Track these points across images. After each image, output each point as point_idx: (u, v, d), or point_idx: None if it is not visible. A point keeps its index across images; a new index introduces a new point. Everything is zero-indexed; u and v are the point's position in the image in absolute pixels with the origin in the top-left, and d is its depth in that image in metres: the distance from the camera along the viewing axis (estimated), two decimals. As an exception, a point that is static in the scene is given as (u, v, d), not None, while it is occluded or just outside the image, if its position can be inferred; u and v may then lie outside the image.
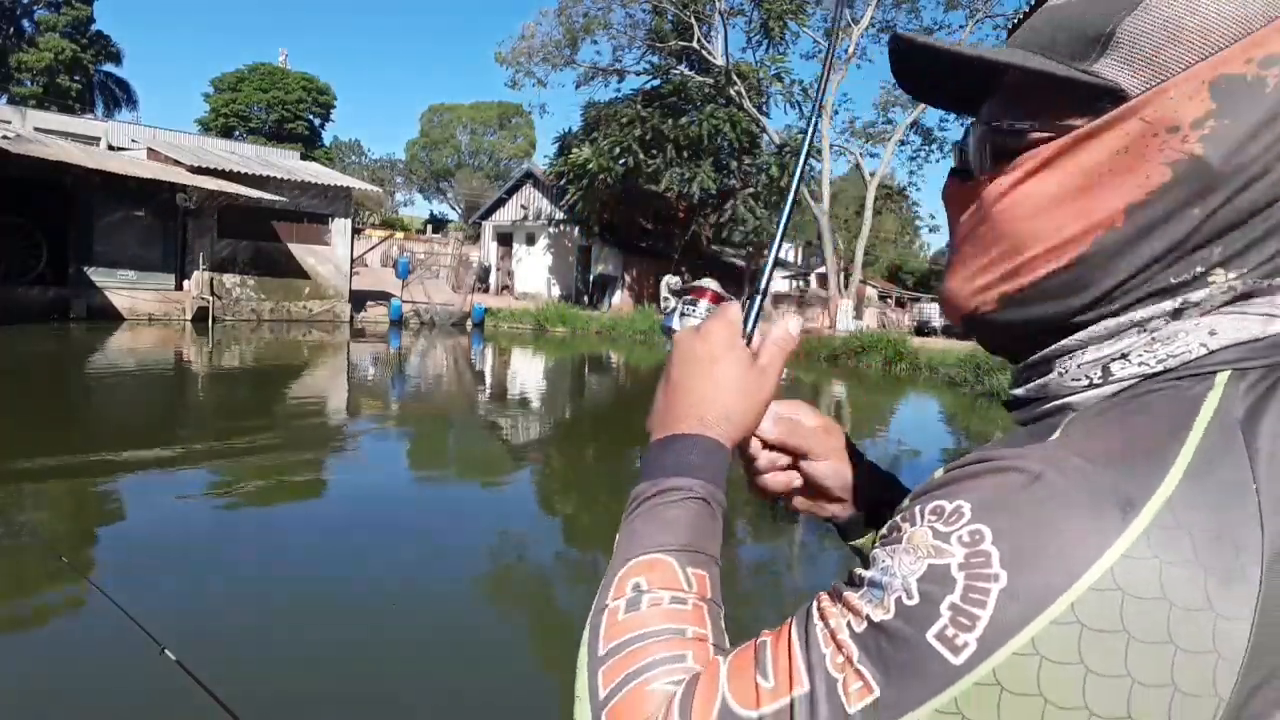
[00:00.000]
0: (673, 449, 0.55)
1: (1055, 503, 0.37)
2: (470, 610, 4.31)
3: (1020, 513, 0.37)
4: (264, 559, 4.72)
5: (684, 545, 0.50)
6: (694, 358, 0.59)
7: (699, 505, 0.52)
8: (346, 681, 3.31)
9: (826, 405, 14.27)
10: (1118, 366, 0.44)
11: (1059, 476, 0.38)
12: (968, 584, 0.36)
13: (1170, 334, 0.43)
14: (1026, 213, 0.46)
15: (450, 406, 11.82)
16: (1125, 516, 0.35)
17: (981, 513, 0.38)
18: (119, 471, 6.39)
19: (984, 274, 0.48)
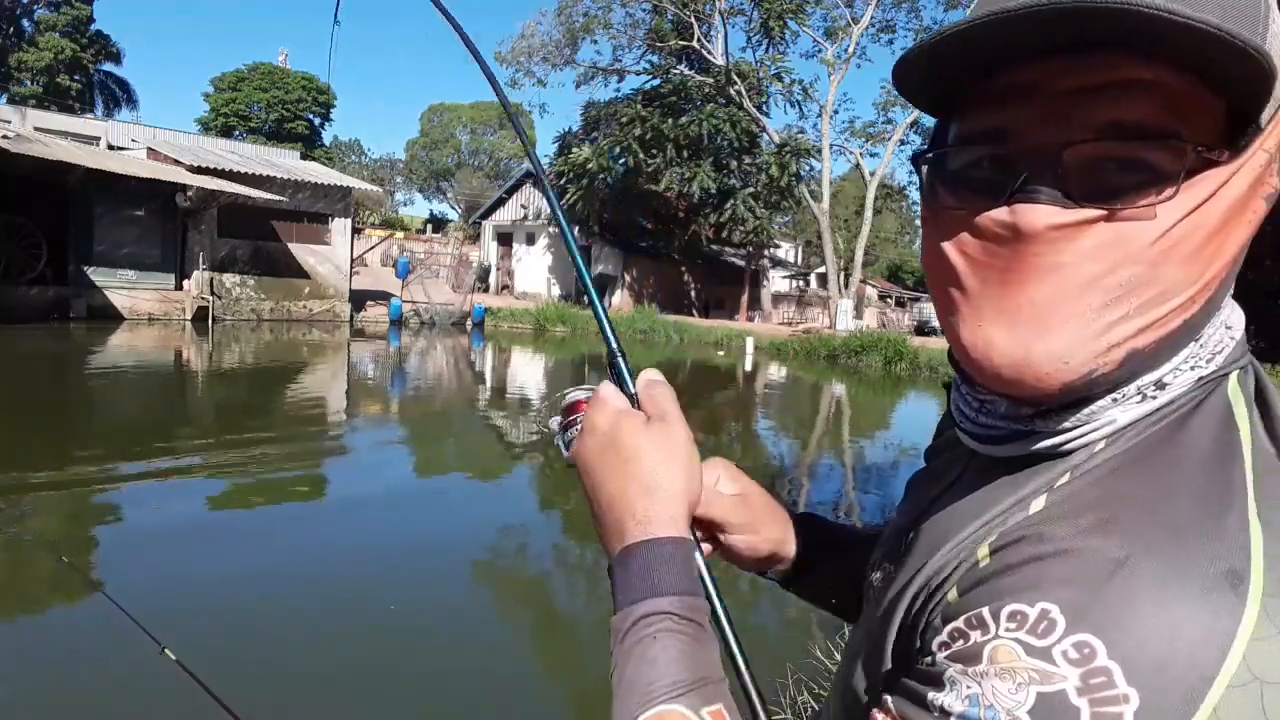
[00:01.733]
0: (630, 568, 0.49)
1: (1161, 594, 0.33)
2: (470, 610, 4.31)
3: (1126, 613, 0.33)
4: (264, 559, 4.73)
5: (687, 685, 0.44)
6: (594, 457, 0.54)
7: (680, 627, 0.47)
8: (346, 681, 3.31)
9: (826, 405, 14.28)
10: (1171, 376, 0.41)
11: (1148, 558, 0.34)
12: (1094, 710, 0.32)
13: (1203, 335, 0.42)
14: (1187, 253, 0.39)
15: (450, 406, 11.82)
16: (1238, 593, 0.32)
17: (1080, 618, 0.33)
18: (119, 472, 6.39)
19: (1115, 329, 0.39)
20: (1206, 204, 0.38)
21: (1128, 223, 0.38)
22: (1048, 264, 0.39)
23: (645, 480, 0.51)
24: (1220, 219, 0.39)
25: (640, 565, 0.49)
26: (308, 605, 4.07)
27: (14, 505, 5.31)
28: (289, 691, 3.20)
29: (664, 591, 0.47)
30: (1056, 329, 0.39)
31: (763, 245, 28.87)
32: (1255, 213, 0.40)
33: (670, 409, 0.55)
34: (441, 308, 23.73)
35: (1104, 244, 0.39)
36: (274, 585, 4.31)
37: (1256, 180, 0.39)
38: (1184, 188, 0.38)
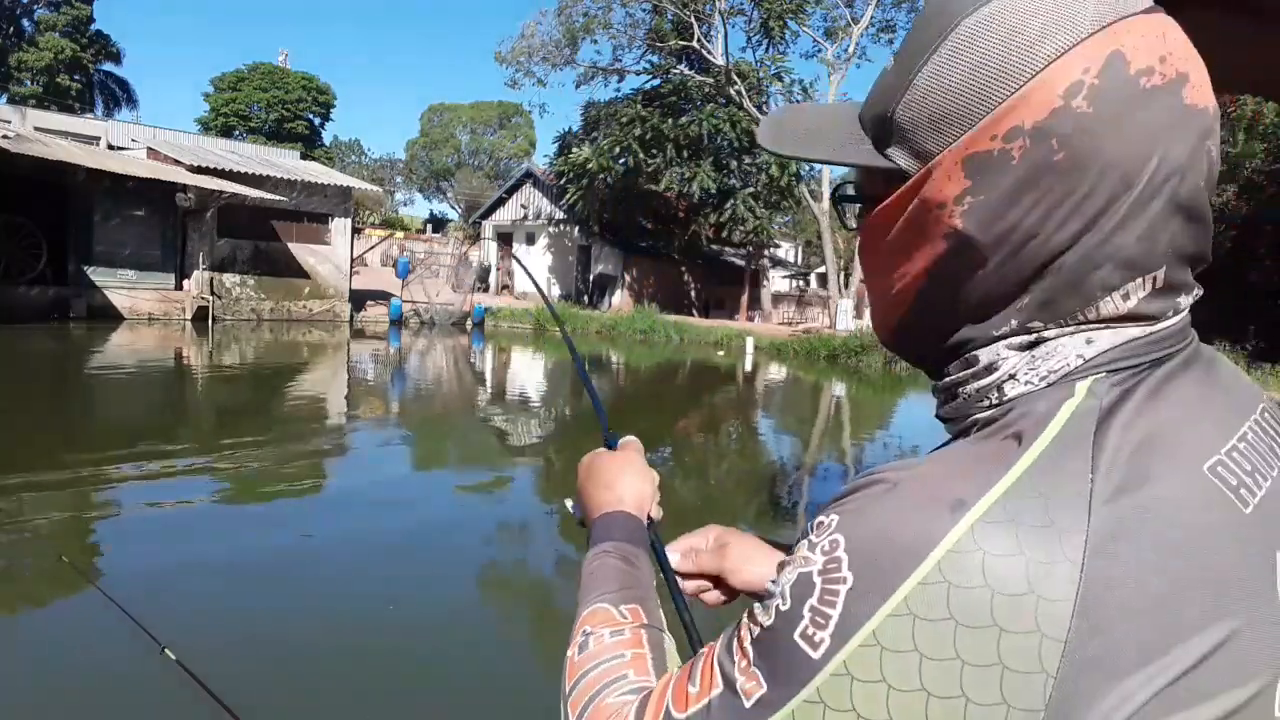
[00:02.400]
0: (592, 532, 0.73)
1: (897, 508, 0.41)
2: (470, 610, 4.31)
3: (869, 520, 0.42)
4: (264, 559, 4.72)
5: (615, 590, 0.63)
6: (582, 480, 0.81)
7: (618, 558, 0.67)
8: (345, 680, 3.31)
9: (826, 405, 14.27)
10: (1009, 387, 0.47)
11: (910, 485, 0.42)
12: (823, 587, 0.41)
13: (1049, 350, 0.46)
14: (870, 273, 0.53)
15: (450, 406, 11.82)
16: (954, 515, 0.39)
17: (842, 523, 0.43)
18: (119, 472, 6.39)
19: (875, 313, 0.55)
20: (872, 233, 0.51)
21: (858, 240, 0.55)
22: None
23: (604, 481, 0.77)
24: (890, 246, 0.50)
25: (597, 530, 0.73)
26: (307, 605, 4.07)
27: (14, 504, 5.31)
28: (288, 691, 3.20)
29: (608, 539, 0.70)
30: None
31: (763, 245, 28.85)
32: (933, 248, 0.47)
33: (631, 448, 0.82)
34: (441, 308, 23.72)
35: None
36: (274, 585, 4.31)
37: (917, 222, 0.47)
38: (866, 223, 0.52)
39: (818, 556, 0.42)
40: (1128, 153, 0.42)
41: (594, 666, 0.56)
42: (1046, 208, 0.43)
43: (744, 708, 0.43)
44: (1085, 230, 0.43)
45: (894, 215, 0.48)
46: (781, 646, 0.42)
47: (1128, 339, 0.45)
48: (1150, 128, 0.42)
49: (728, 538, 0.79)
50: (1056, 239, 0.43)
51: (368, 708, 3.14)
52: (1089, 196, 0.42)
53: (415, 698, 3.23)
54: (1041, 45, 0.42)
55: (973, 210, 0.44)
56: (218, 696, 1.56)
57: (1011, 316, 0.46)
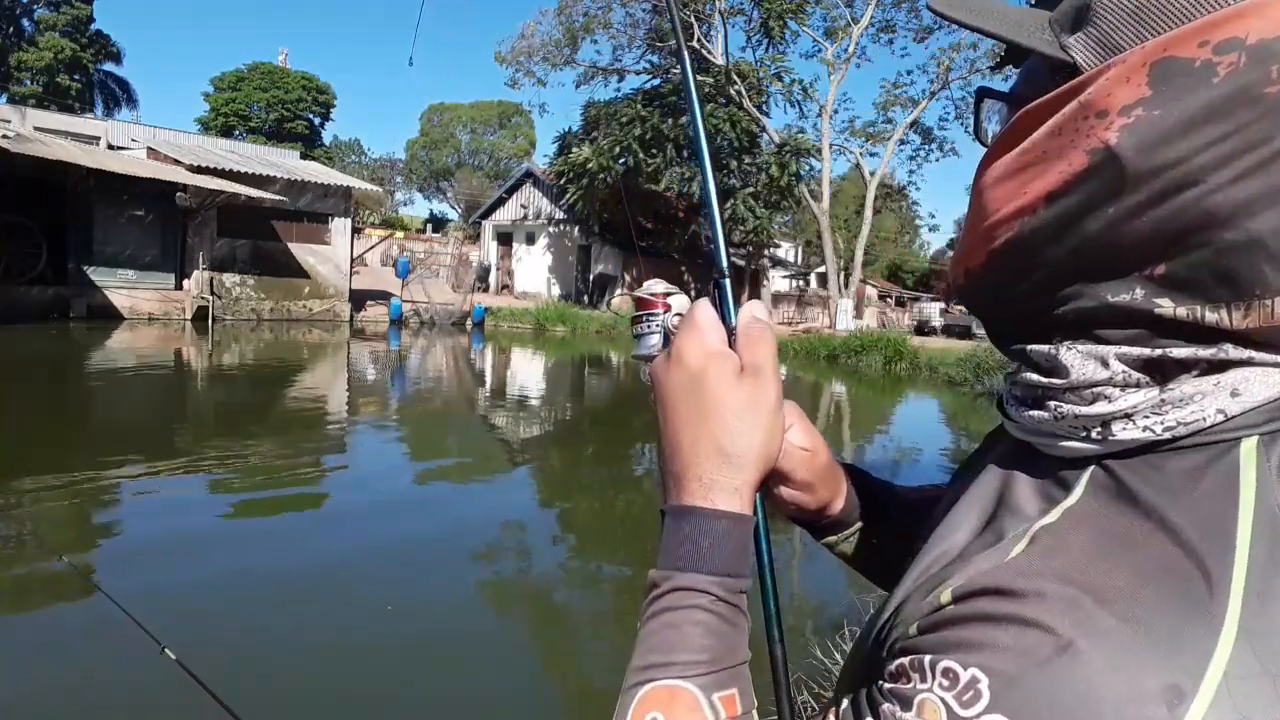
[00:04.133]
0: (683, 529, 0.48)
1: (1088, 690, 0.32)
2: (470, 610, 4.31)
3: (1047, 701, 0.32)
4: (264, 559, 4.72)
5: (706, 666, 0.45)
6: (674, 393, 0.51)
7: (716, 608, 0.46)
8: (346, 681, 3.31)
9: (826, 404, 14.27)
10: (1119, 427, 0.39)
11: (1092, 650, 0.32)
12: None
13: (1184, 395, 0.38)
14: (984, 189, 0.43)
15: (450, 406, 11.82)
16: (1173, 714, 0.31)
17: (1003, 697, 0.33)
18: (119, 472, 6.39)
19: (961, 245, 0.46)
20: (1001, 145, 0.42)
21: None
22: None
23: (720, 440, 0.48)
24: (1015, 162, 0.41)
25: (691, 531, 0.47)
26: (307, 605, 4.07)
27: (14, 504, 5.31)
28: (289, 691, 3.20)
29: (709, 570, 0.47)
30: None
31: (763, 245, 28.86)
32: (1071, 164, 0.38)
33: (767, 362, 0.51)
34: (441, 307, 23.72)
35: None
36: (274, 585, 4.31)
37: (1066, 128, 0.38)
38: (998, 135, 0.43)
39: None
40: None
41: None
42: (1230, 149, 0.34)
43: None
44: (1261, 201, 0.34)
45: (1041, 117, 0.40)
46: None
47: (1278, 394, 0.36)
48: None
49: (817, 442, 0.61)
50: (1222, 197, 0.34)
51: (367, 708, 3.14)
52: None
53: (415, 697, 3.23)
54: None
55: (1138, 125, 0.36)
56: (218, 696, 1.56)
57: (1136, 284, 0.38)
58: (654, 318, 0.59)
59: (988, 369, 14.72)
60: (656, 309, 0.59)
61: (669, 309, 0.60)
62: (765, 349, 0.51)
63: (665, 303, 0.59)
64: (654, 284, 0.60)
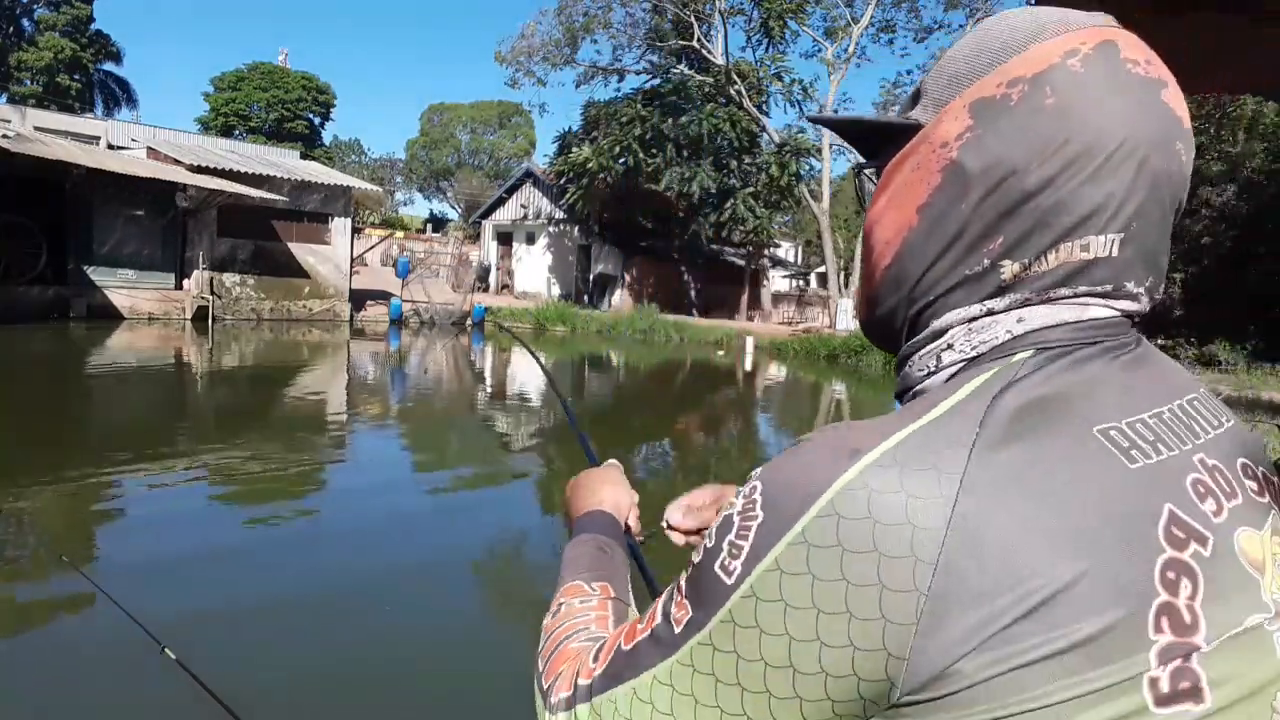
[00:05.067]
0: (577, 523, 0.83)
1: (806, 458, 0.48)
2: (469, 610, 4.31)
3: (783, 468, 0.48)
4: (264, 559, 4.73)
5: (587, 570, 0.72)
6: (569, 492, 0.93)
7: (593, 545, 0.76)
8: (345, 680, 3.31)
9: (827, 404, 14.27)
10: (946, 355, 0.54)
11: (820, 440, 0.48)
12: (740, 524, 0.48)
13: (985, 324, 0.53)
14: (871, 229, 0.58)
15: (450, 406, 11.82)
16: (850, 460, 0.45)
17: (763, 473, 0.49)
18: (120, 471, 6.39)
19: (861, 287, 0.61)
20: (878, 196, 0.58)
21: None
22: None
23: (588, 489, 0.90)
24: (891, 200, 0.56)
25: (578, 525, 0.83)
26: (307, 604, 4.07)
27: (14, 504, 5.31)
28: (289, 691, 3.20)
29: (591, 530, 0.79)
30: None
31: (763, 245, 28.86)
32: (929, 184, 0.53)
33: (612, 468, 0.97)
34: (441, 307, 23.72)
35: None
36: (274, 585, 4.31)
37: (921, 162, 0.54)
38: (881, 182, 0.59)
39: (739, 501, 0.49)
40: (1108, 116, 0.49)
41: (561, 624, 0.64)
42: (1031, 147, 0.49)
43: (675, 633, 0.50)
44: (1060, 173, 0.49)
45: (901, 163, 0.56)
46: (704, 577, 0.49)
47: (1058, 321, 0.51)
48: (1129, 105, 0.49)
49: (728, 494, 0.85)
50: (1033, 177, 0.49)
51: (366, 707, 3.14)
52: (1068, 143, 0.49)
53: (414, 697, 3.23)
54: (1046, 29, 0.52)
55: (969, 144, 0.51)
56: (218, 696, 1.56)
57: (984, 256, 0.52)
58: None
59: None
60: None
61: None
62: (613, 466, 0.98)
63: None
64: None
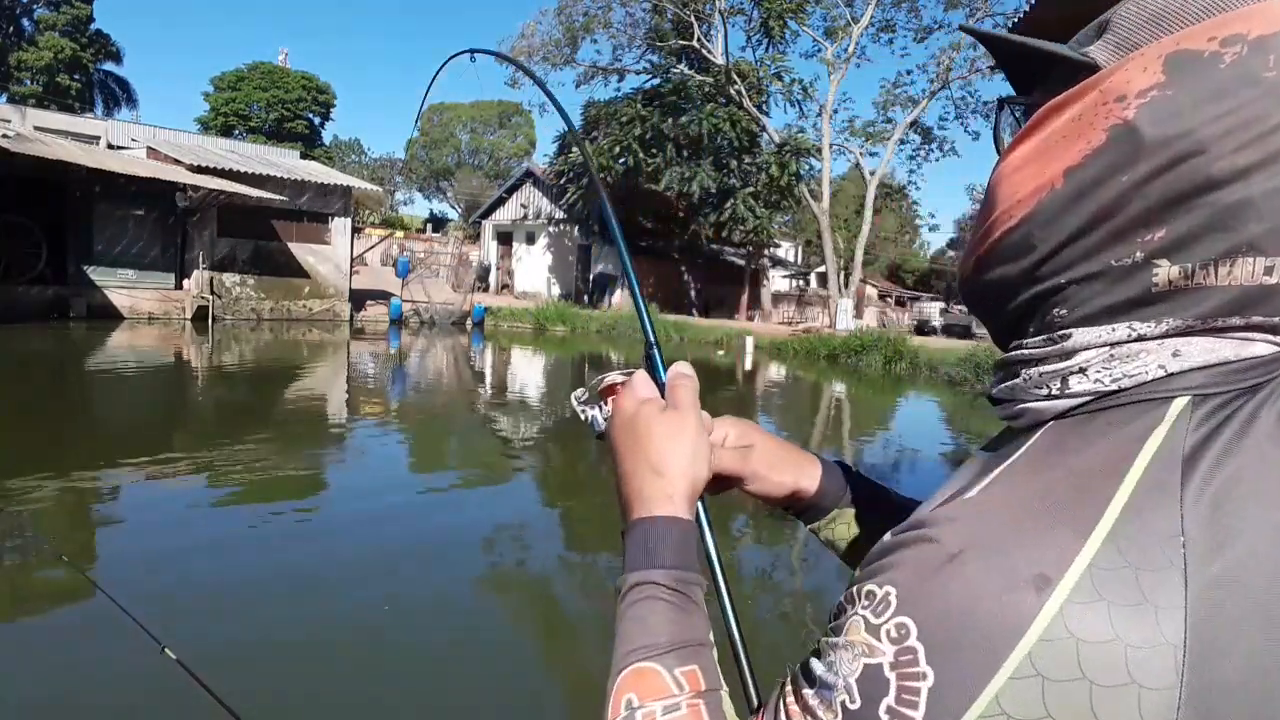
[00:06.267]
0: (633, 540, 0.57)
1: (971, 588, 0.37)
2: (469, 611, 4.31)
3: (940, 599, 0.38)
4: (264, 558, 4.73)
5: (666, 645, 0.51)
6: (617, 437, 0.62)
7: (668, 596, 0.53)
8: (346, 680, 3.31)
9: (826, 404, 14.27)
10: (1075, 380, 0.44)
11: (975, 556, 0.38)
12: (900, 685, 0.37)
13: (1131, 351, 0.43)
14: (1001, 179, 0.48)
15: (450, 406, 11.82)
16: (1040, 595, 0.35)
17: (905, 603, 0.39)
18: (120, 471, 6.39)
19: (972, 241, 0.50)
20: (1023, 139, 0.47)
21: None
22: None
23: (653, 461, 0.58)
24: (1037, 149, 0.46)
25: (640, 538, 0.56)
26: (307, 604, 4.07)
27: (14, 504, 5.31)
28: (289, 691, 3.20)
29: (658, 565, 0.54)
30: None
31: (763, 245, 28.86)
32: (1089, 142, 0.43)
33: (685, 400, 0.63)
34: (441, 307, 23.72)
35: None
36: (274, 585, 4.31)
37: (1085, 114, 0.44)
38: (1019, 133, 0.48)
39: (885, 645, 0.38)
40: None
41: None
42: (1232, 123, 0.39)
43: None
44: (1258, 167, 0.39)
45: (1061, 108, 0.45)
46: None
47: (1219, 360, 0.42)
48: None
49: (752, 436, 0.72)
50: (1224, 164, 0.39)
51: (366, 707, 3.14)
52: (1277, 130, 0.39)
53: (413, 697, 3.23)
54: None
55: (1154, 104, 0.41)
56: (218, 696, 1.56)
57: (1137, 249, 0.42)
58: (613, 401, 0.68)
59: (988, 369, 14.72)
60: (616, 393, 0.68)
61: None
62: (684, 392, 0.63)
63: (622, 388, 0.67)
64: (613, 374, 0.70)
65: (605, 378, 0.69)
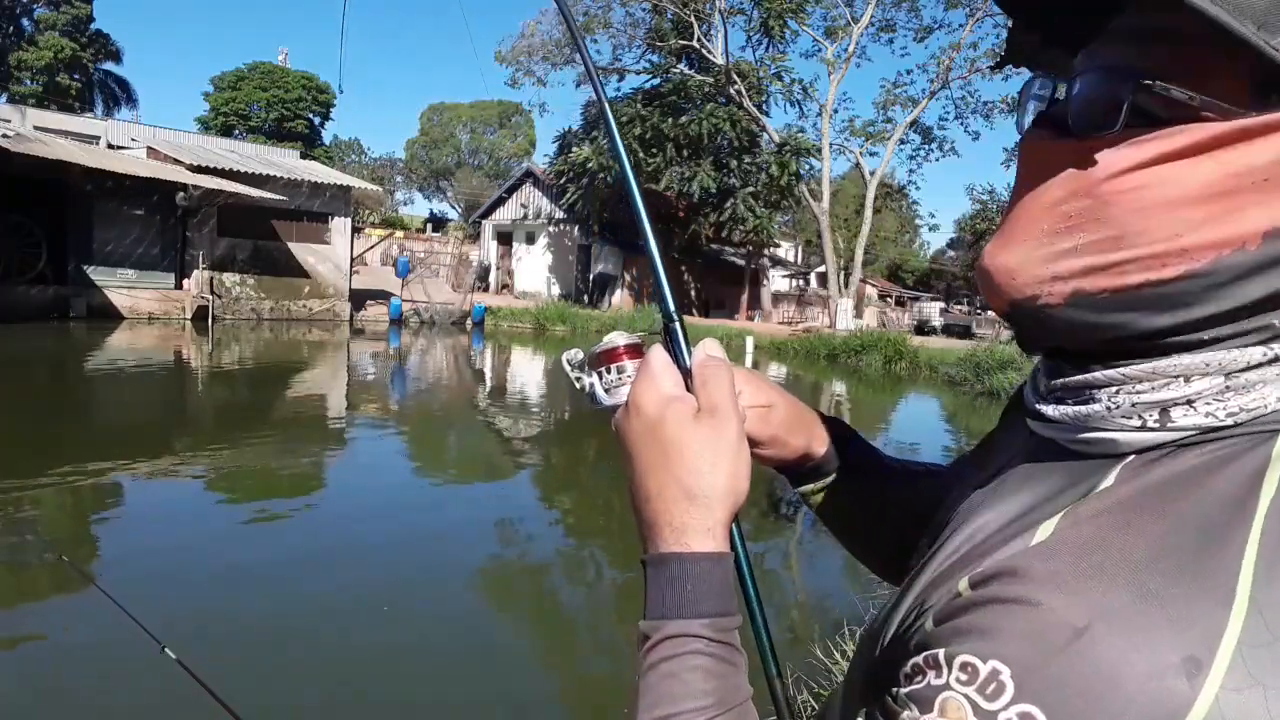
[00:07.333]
0: (664, 577, 0.48)
1: (1109, 673, 0.32)
2: (469, 611, 4.31)
3: (1071, 688, 0.32)
4: (263, 558, 4.73)
5: (712, 710, 0.44)
6: (636, 441, 0.51)
7: (710, 650, 0.46)
8: (344, 681, 3.31)
9: (827, 404, 14.28)
10: (1180, 413, 0.38)
11: (1110, 630, 0.32)
12: None
13: (1248, 383, 0.37)
14: (1148, 203, 0.37)
15: (450, 406, 11.82)
16: (1193, 684, 0.31)
17: (1027, 688, 0.32)
18: (119, 471, 6.39)
19: (1063, 260, 0.39)
20: (1188, 158, 0.36)
21: (1092, 155, 0.38)
22: (1028, 187, 0.41)
23: (685, 483, 0.48)
24: (1221, 185, 0.35)
25: (672, 577, 0.47)
26: (307, 604, 4.07)
27: (14, 504, 5.31)
28: (289, 691, 3.20)
29: (696, 613, 0.46)
30: (1014, 245, 0.41)
31: (763, 245, 28.86)
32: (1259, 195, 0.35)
33: (723, 399, 0.51)
34: (441, 307, 23.71)
35: (1067, 172, 0.39)
36: (274, 585, 4.31)
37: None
38: (1168, 135, 0.36)
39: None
40: None
41: None
42: None
43: None
44: None
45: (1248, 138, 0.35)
46: None
47: None
48: None
49: (770, 394, 0.63)
50: None
51: (366, 707, 3.14)
52: None
53: (412, 697, 3.23)
54: None
55: None
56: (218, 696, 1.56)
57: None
58: (625, 368, 0.57)
59: (987, 369, 14.73)
60: (624, 359, 0.57)
61: (639, 356, 0.57)
62: (721, 386, 0.51)
63: (632, 352, 0.57)
64: (617, 335, 0.59)
65: (606, 339, 0.59)
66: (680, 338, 0.55)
